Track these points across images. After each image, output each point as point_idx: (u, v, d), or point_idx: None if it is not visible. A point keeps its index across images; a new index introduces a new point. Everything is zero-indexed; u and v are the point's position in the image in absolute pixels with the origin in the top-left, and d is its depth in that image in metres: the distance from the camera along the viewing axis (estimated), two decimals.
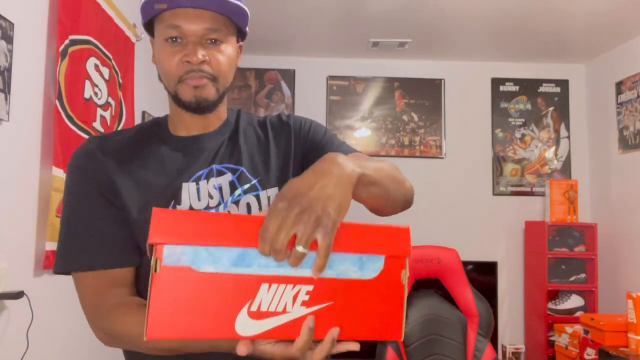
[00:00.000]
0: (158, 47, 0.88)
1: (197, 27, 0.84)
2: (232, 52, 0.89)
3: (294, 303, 0.63)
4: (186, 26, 0.84)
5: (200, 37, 0.85)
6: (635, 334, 2.57)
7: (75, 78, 1.81)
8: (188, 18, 0.83)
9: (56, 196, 1.66)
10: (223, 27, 0.86)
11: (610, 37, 3.51)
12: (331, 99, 4.01)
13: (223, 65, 0.87)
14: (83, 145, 0.92)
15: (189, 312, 0.60)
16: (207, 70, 0.86)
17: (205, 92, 0.87)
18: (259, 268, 0.62)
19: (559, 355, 3.31)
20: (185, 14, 0.83)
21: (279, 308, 0.62)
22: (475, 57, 4.01)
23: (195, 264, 0.60)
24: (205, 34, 0.85)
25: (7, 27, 1.47)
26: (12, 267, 1.51)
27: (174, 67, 0.86)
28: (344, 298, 0.65)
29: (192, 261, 0.60)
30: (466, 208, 3.95)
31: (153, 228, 0.60)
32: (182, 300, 0.60)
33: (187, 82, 0.86)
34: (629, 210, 3.52)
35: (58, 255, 0.89)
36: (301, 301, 0.63)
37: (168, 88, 0.90)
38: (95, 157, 0.89)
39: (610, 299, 3.63)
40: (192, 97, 0.87)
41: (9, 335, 1.51)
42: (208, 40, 0.86)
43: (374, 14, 3.20)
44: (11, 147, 1.52)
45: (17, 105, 1.53)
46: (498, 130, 4.07)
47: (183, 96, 0.88)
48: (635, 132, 3.44)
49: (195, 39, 0.85)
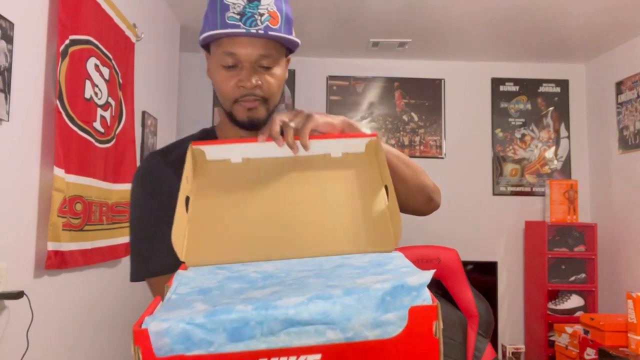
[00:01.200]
0: (215, 70, 0.97)
1: (251, 54, 0.92)
2: (281, 72, 0.98)
3: None
4: (241, 53, 0.91)
5: (253, 63, 0.93)
6: (635, 334, 2.57)
7: (75, 78, 1.81)
8: (243, 45, 0.91)
9: (57, 196, 1.66)
10: (274, 53, 0.94)
11: (610, 37, 3.51)
12: (331, 99, 4.01)
13: (273, 87, 0.96)
14: (146, 160, 1.02)
15: None
16: (259, 93, 0.94)
17: (257, 113, 0.95)
18: (257, 341, 0.54)
19: (559, 355, 3.31)
20: (241, 42, 0.91)
21: None
22: (475, 57, 4.01)
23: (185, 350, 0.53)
24: (258, 60, 0.93)
25: (7, 27, 1.48)
26: (12, 267, 1.51)
27: (229, 90, 0.94)
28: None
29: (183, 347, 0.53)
30: (466, 208, 3.95)
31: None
32: None
33: (242, 104, 0.95)
34: (629, 210, 3.52)
35: (132, 265, 0.98)
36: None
37: (224, 106, 0.99)
38: (157, 170, 0.98)
39: (610, 299, 3.63)
40: (245, 117, 0.95)
41: (9, 335, 1.51)
42: (260, 67, 0.94)
43: (374, 14, 3.20)
44: (11, 147, 1.52)
45: (17, 105, 1.53)
46: (498, 130, 4.07)
47: (237, 116, 0.96)
48: (635, 132, 3.44)
49: (249, 64, 0.92)
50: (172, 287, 0.65)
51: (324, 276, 0.64)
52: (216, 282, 0.66)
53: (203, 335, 0.53)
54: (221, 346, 0.54)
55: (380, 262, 0.69)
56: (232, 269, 0.71)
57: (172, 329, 0.53)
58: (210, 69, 1.00)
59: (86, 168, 1.88)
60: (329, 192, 0.83)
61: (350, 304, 0.55)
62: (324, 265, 0.69)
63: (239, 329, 0.54)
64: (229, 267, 0.72)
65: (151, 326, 0.53)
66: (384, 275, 0.62)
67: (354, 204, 0.81)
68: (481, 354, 2.08)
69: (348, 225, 0.78)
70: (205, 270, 0.71)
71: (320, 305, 0.55)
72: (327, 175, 0.85)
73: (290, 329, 0.54)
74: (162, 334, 0.53)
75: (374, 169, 0.85)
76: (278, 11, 0.91)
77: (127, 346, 2.51)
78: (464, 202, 3.95)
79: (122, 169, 2.24)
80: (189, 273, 0.70)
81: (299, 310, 0.54)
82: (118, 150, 2.20)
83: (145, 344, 0.52)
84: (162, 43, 3.05)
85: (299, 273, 0.67)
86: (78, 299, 1.96)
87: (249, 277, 0.67)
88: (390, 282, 0.56)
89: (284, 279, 0.65)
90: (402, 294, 0.56)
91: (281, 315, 0.54)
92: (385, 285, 0.56)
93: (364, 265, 0.68)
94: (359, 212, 0.79)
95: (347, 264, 0.69)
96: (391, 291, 0.56)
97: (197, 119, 3.92)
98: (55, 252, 1.66)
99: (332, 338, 0.55)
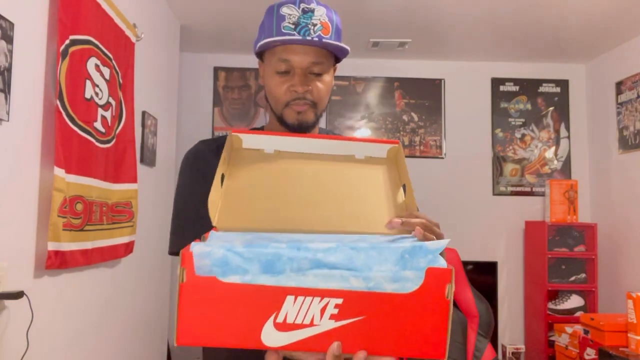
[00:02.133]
0: (269, 76, 1.03)
1: (304, 61, 0.99)
2: (330, 79, 1.05)
3: (322, 316, 0.60)
4: (295, 60, 0.98)
5: (305, 70, 0.99)
6: (635, 334, 2.57)
7: (76, 78, 1.81)
8: (296, 53, 0.98)
9: (58, 196, 1.66)
10: (325, 60, 1.01)
11: (610, 37, 3.51)
12: (331, 99, 4.01)
13: (322, 93, 1.03)
14: (195, 146, 1.10)
15: (215, 322, 0.60)
16: (309, 97, 1.01)
17: (306, 117, 1.02)
18: (287, 277, 0.60)
19: (559, 355, 3.31)
20: (295, 51, 0.98)
21: (306, 320, 0.60)
22: (475, 57, 4.01)
23: (222, 274, 0.60)
24: (309, 67, 0.99)
25: (7, 27, 1.47)
26: (12, 267, 1.51)
27: (282, 94, 1.01)
28: (378, 313, 0.61)
29: (220, 270, 0.60)
30: (466, 208, 3.95)
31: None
32: (208, 311, 0.60)
33: (293, 107, 1.01)
34: (629, 211, 3.52)
35: (172, 239, 1.04)
36: (330, 314, 0.61)
37: (275, 110, 1.04)
38: (203, 155, 1.06)
39: (610, 299, 3.63)
40: (295, 120, 1.02)
41: (9, 335, 1.51)
42: (311, 73, 1.00)
43: (374, 14, 3.20)
44: (11, 147, 1.52)
45: (17, 105, 1.53)
46: (498, 130, 4.08)
47: (288, 119, 1.02)
48: (635, 132, 3.44)
49: (301, 71, 0.99)
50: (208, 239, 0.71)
51: (348, 245, 0.69)
52: (245, 240, 0.71)
53: (240, 262, 0.60)
54: (255, 276, 0.60)
55: (396, 239, 0.74)
56: (260, 235, 0.75)
57: (214, 252, 0.60)
58: (264, 75, 1.07)
59: (87, 168, 1.88)
60: (353, 182, 0.90)
61: (372, 255, 0.62)
62: (345, 240, 0.73)
63: (272, 262, 0.60)
64: (256, 233, 0.77)
65: (195, 248, 0.60)
66: (403, 241, 0.69)
67: (375, 194, 0.88)
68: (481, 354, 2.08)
69: (370, 211, 0.85)
70: (235, 234, 0.76)
71: (346, 252, 0.62)
72: (352, 170, 0.92)
73: (317, 270, 0.61)
74: (204, 256, 0.60)
75: (394, 171, 0.93)
76: (329, 22, 0.99)
77: (127, 346, 2.52)
78: (464, 202, 3.95)
79: (122, 169, 2.24)
80: (220, 233, 0.76)
81: (328, 253, 0.62)
82: (118, 150, 2.20)
83: (189, 265, 0.60)
84: (162, 43, 3.05)
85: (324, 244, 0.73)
86: (78, 299, 1.96)
87: (275, 238, 0.72)
88: (410, 242, 0.65)
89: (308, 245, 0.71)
90: (420, 254, 0.63)
91: (311, 255, 0.61)
92: (406, 244, 0.64)
93: (383, 240, 0.73)
94: (379, 201, 0.87)
95: (367, 239, 0.73)
96: (410, 250, 0.63)
97: (197, 119, 3.92)
98: (55, 252, 1.66)
99: (354, 285, 0.61)
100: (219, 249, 0.60)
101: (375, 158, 0.95)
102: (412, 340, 0.62)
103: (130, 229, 2.31)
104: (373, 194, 0.88)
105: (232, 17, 3.26)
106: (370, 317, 0.61)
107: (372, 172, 0.92)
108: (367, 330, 0.61)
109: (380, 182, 0.90)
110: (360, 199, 0.87)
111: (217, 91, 4.01)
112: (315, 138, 0.95)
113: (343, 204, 0.86)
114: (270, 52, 1.02)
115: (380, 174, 0.92)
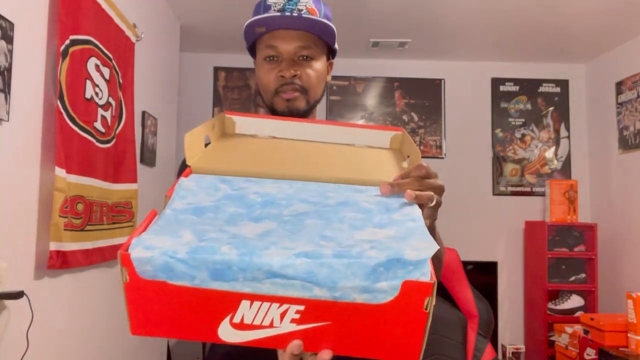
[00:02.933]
0: (259, 66, 1.03)
1: (291, 46, 0.98)
2: (321, 67, 1.02)
3: (282, 320, 0.54)
4: (281, 46, 0.98)
5: (293, 55, 0.98)
6: (635, 334, 2.57)
7: (76, 78, 1.81)
8: (283, 38, 0.98)
9: (59, 196, 1.66)
10: (313, 45, 0.99)
11: (610, 37, 3.51)
12: (331, 99, 4.01)
13: (313, 78, 1.00)
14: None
15: (168, 318, 0.56)
16: (298, 83, 0.99)
17: (296, 104, 1.00)
18: (241, 284, 0.53)
19: (559, 355, 3.31)
20: (281, 36, 0.98)
21: (264, 322, 0.55)
22: (475, 57, 4.01)
23: (168, 279, 0.54)
24: (297, 52, 0.98)
25: (7, 27, 1.48)
26: (12, 267, 1.51)
27: (271, 81, 1.00)
28: (345, 320, 0.54)
29: (165, 276, 0.54)
30: (466, 208, 3.95)
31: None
32: (158, 308, 0.55)
33: (281, 95, 0.99)
34: (629, 211, 3.52)
35: None
36: (290, 319, 0.54)
37: (266, 101, 1.03)
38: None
39: (610, 299, 3.63)
40: (285, 107, 1.00)
41: (9, 335, 1.51)
42: (300, 57, 0.99)
43: (374, 14, 3.20)
44: (12, 147, 1.52)
45: (17, 105, 1.53)
46: (498, 130, 4.08)
47: (277, 107, 1.00)
48: (635, 132, 3.44)
49: (289, 56, 0.98)
50: (171, 199, 0.65)
51: (324, 217, 0.62)
52: (214, 199, 0.65)
53: (185, 269, 0.53)
54: (204, 282, 0.53)
55: (389, 206, 0.66)
56: (235, 184, 0.69)
57: (155, 259, 0.53)
58: (256, 69, 1.06)
59: (87, 168, 1.88)
60: (352, 157, 0.84)
61: (338, 268, 0.53)
62: (329, 199, 0.67)
63: (221, 270, 0.53)
64: (231, 181, 0.70)
65: (134, 253, 0.53)
66: (387, 228, 0.60)
67: (376, 160, 0.83)
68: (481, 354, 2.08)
69: (369, 165, 0.80)
70: (207, 182, 0.69)
71: (306, 264, 0.53)
72: (352, 151, 0.87)
73: (275, 279, 0.53)
74: (144, 262, 0.53)
75: (398, 154, 0.87)
76: (317, 9, 0.99)
77: (127, 346, 2.52)
78: (464, 202, 3.95)
79: (122, 169, 2.24)
80: (190, 183, 0.68)
81: (285, 264, 0.53)
82: (118, 150, 2.20)
83: (130, 267, 0.53)
84: (162, 43, 3.05)
85: (300, 205, 0.65)
86: (78, 299, 1.96)
87: (248, 199, 0.66)
88: (386, 252, 0.54)
89: (282, 212, 0.63)
90: (397, 267, 0.53)
91: (265, 266, 0.53)
92: (380, 256, 0.53)
93: (371, 207, 0.65)
94: (380, 164, 0.81)
95: (353, 202, 0.67)
96: (385, 263, 0.53)
97: (197, 119, 3.91)
98: (57, 252, 1.66)
99: (318, 295, 0.53)
100: (160, 255, 0.53)
101: (377, 149, 0.89)
102: (383, 345, 0.56)
103: (130, 229, 2.31)
104: (374, 162, 0.82)
105: (232, 17, 3.26)
106: (337, 323, 0.55)
107: (373, 153, 0.87)
108: (332, 334, 0.55)
109: (381, 159, 0.84)
110: (359, 160, 0.83)
111: (217, 91, 4.01)
112: (314, 123, 0.90)
113: (338, 159, 0.82)
114: (258, 42, 1.02)
115: (381, 155, 0.86)
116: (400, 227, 0.60)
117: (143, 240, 0.55)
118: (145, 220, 0.60)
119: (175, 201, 0.64)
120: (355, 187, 0.72)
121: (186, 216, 0.61)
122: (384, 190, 0.69)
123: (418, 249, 0.54)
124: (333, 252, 0.54)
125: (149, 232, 0.57)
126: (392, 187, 0.69)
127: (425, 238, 0.57)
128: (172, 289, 0.54)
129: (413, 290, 0.53)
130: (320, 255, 0.53)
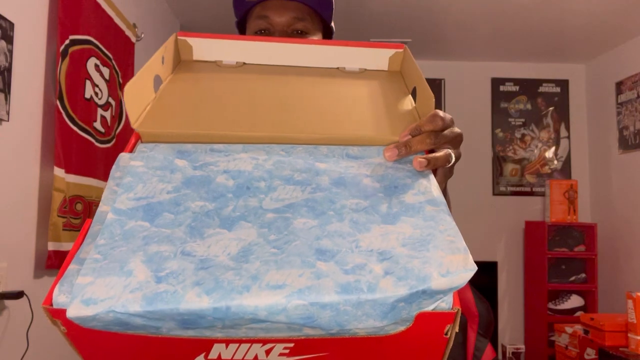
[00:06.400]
0: None
1: (284, 17, 0.90)
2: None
3: (269, 355, 0.44)
4: (274, 17, 0.90)
5: (286, 27, 0.91)
6: (635, 334, 2.57)
7: (76, 78, 1.81)
8: (275, 9, 0.90)
9: (58, 196, 1.66)
10: (308, 17, 0.92)
11: (610, 37, 3.51)
12: None
13: None
14: None
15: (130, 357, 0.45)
16: None
17: None
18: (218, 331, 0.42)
19: (559, 355, 3.31)
20: (273, 6, 0.90)
21: (248, 357, 0.44)
22: (475, 57, 4.01)
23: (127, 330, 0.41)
24: (291, 24, 0.91)
25: (7, 27, 1.48)
26: (12, 267, 1.51)
27: None
28: (344, 351, 0.44)
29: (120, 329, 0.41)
30: (466, 208, 3.95)
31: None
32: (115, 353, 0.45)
33: None
34: (629, 210, 3.52)
35: None
36: (278, 353, 0.44)
37: None
38: None
39: (610, 299, 3.63)
40: None
41: (9, 335, 1.51)
42: (295, 32, 0.91)
43: (374, 13, 3.20)
44: (11, 147, 1.52)
45: (17, 105, 1.53)
46: (498, 130, 4.07)
47: None
48: (635, 132, 3.44)
49: (282, 28, 0.90)
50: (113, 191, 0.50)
51: (318, 212, 0.48)
52: (171, 188, 0.50)
53: (145, 322, 0.40)
54: (172, 330, 0.41)
55: (396, 179, 0.53)
56: (196, 157, 0.53)
57: (100, 317, 0.39)
58: None
59: (86, 168, 1.88)
60: (343, 91, 0.66)
61: (345, 310, 0.40)
62: (319, 175, 0.53)
63: (191, 320, 0.40)
64: (192, 152, 0.54)
65: (71, 311, 0.39)
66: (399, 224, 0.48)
67: (374, 101, 0.64)
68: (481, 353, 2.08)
69: (367, 116, 0.61)
70: (160, 159, 0.52)
71: (303, 308, 0.40)
72: (341, 82, 0.69)
73: (260, 324, 0.41)
74: (88, 320, 0.40)
75: (399, 82, 0.70)
76: None
77: None
78: (464, 202, 3.95)
79: None
80: (137, 163, 0.52)
81: (274, 311, 0.40)
82: (118, 150, 2.20)
83: (67, 322, 0.41)
84: (162, 43, 3.05)
85: (285, 190, 0.51)
86: None
87: (215, 184, 0.50)
88: (407, 281, 0.41)
89: (261, 204, 0.49)
90: (422, 298, 0.41)
91: (248, 315, 0.40)
92: (400, 290, 0.41)
93: (375, 187, 0.52)
94: (380, 107, 0.63)
95: (351, 178, 0.53)
96: (407, 298, 0.41)
97: None
98: (55, 252, 1.66)
99: (311, 334, 0.42)
100: (106, 312, 0.39)
101: (372, 71, 0.72)
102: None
103: None
104: (372, 101, 0.64)
105: (232, 17, 3.26)
106: (335, 355, 0.45)
107: (368, 83, 0.69)
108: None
109: (379, 90, 0.67)
110: (354, 104, 0.63)
111: None
112: (291, 43, 0.71)
113: (329, 107, 0.62)
114: (249, 15, 0.94)
115: (379, 83, 0.69)
116: (416, 220, 0.48)
117: (80, 289, 0.40)
118: (79, 238, 0.46)
119: (119, 196, 0.48)
120: (351, 150, 0.56)
121: (135, 224, 0.46)
122: (390, 154, 0.55)
123: (449, 270, 0.43)
124: (335, 283, 0.41)
125: (86, 268, 0.42)
126: (399, 150, 0.55)
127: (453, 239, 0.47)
128: (132, 337, 0.42)
129: (431, 321, 0.42)
130: (319, 291, 0.40)
